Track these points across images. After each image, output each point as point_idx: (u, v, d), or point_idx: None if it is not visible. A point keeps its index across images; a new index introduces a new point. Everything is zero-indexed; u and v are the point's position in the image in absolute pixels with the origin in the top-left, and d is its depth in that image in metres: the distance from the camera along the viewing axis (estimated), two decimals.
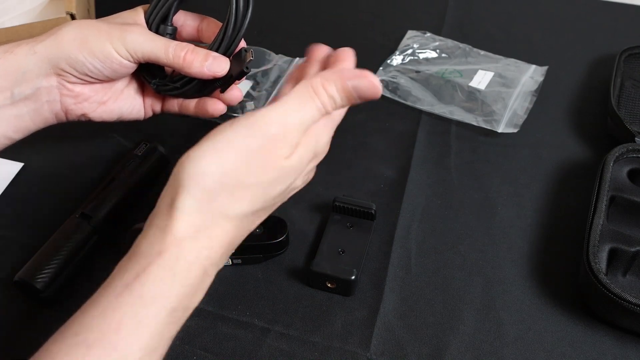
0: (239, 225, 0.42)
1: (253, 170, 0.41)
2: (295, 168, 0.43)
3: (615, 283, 0.53)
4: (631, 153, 0.63)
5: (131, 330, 0.36)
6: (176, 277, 0.38)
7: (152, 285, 0.37)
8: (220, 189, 0.39)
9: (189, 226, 0.39)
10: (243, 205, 0.41)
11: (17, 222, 0.63)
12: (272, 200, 0.43)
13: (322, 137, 0.45)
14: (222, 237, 0.40)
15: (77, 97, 0.55)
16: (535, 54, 0.81)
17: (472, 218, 0.63)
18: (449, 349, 0.53)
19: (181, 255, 0.38)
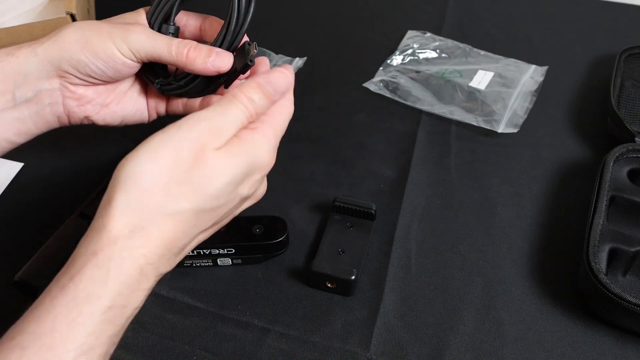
0: (180, 225, 0.40)
1: (186, 166, 0.40)
2: (229, 166, 0.42)
3: (615, 283, 0.53)
4: (631, 153, 0.63)
5: (65, 330, 0.36)
6: (110, 275, 0.37)
7: (86, 284, 0.37)
8: (155, 187, 0.40)
9: (124, 225, 0.39)
10: (181, 202, 0.40)
11: (17, 222, 0.63)
12: (216, 201, 0.42)
13: (261, 146, 0.44)
14: (159, 237, 0.39)
15: (79, 100, 0.54)
16: (535, 54, 0.81)
17: (472, 218, 0.63)
18: (449, 349, 0.53)
19: (115, 254, 0.38)
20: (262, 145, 0.44)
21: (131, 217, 0.39)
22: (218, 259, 0.58)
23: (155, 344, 0.53)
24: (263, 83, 0.45)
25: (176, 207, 0.40)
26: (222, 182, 0.42)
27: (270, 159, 0.45)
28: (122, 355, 0.52)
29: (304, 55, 0.80)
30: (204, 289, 0.57)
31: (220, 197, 0.42)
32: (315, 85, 0.78)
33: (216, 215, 0.43)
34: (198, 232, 0.43)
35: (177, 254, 0.42)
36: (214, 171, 0.41)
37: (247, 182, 0.44)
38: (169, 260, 0.42)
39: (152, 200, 0.39)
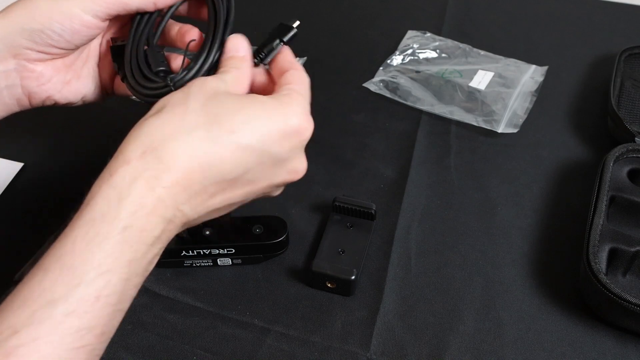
0: (195, 154, 0.39)
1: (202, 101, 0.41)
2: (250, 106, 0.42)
3: (615, 283, 0.53)
4: (631, 153, 0.63)
5: (83, 250, 0.36)
6: (123, 194, 0.38)
7: (101, 205, 0.37)
8: (172, 117, 0.40)
9: (137, 147, 0.39)
10: (196, 129, 0.40)
11: (17, 222, 0.63)
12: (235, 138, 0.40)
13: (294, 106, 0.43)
14: (172, 161, 0.39)
15: (39, 79, 0.51)
16: (535, 54, 0.81)
17: (472, 218, 0.63)
18: (449, 349, 0.53)
19: (127, 174, 0.38)
20: (291, 104, 0.43)
21: (145, 140, 0.39)
22: (218, 259, 0.58)
23: (155, 344, 0.53)
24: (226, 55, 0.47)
25: (190, 134, 0.40)
26: (238, 116, 0.41)
27: (305, 122, 0.43)
28: (122, 355, 0.52)
29: (304, 55, 0.80)
30: (204, 289, 0.57)
31: (237, 132, 0.40)
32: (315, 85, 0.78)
33: (240, 161, 0.41)
34: (222, 178, 0.41)
35: (202, 199, 0.41)
36: (229, 105, 0.41)
37: (280, 141, 0.42)
38: (192, 203, 0.40)
39: (168, 127, 0.40)
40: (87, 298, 0.36)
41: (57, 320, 0.35)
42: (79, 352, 0.36)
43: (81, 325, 0.35)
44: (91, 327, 0.36)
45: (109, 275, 0.36)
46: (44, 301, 0.35)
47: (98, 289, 0.36)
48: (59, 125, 0.73)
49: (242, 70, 0.46)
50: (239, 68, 0.46)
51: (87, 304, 0.36)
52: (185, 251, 0.57)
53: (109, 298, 0.36)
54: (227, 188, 0.42)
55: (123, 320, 0.54)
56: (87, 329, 0.36)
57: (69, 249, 0.36)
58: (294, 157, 0.44)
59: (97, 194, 0.38)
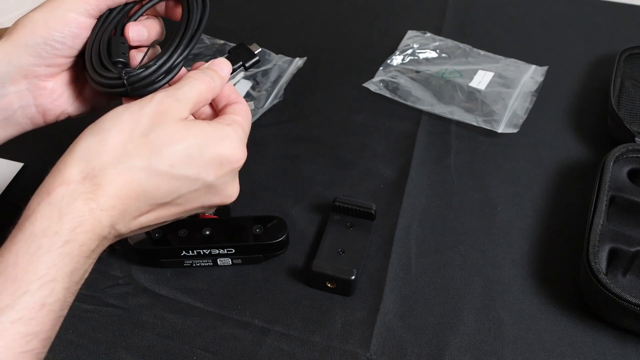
0: (133, 183, 0.42)
1: (144, 128, 0.43)
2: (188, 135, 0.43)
3: (615, 283, 0.53)
4: (631, 153, 0.63)
5: (26, 262, 0.38)
6: (62, 212, 0.39)
7: (42, 221, 0.39)
8: (113, 144, 0.42)
9: (78, 171, 0.41)
10: (134, 159, 0.42)
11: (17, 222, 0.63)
12: (171, 168, 0.43)
13: (228, 134, 0.45)
14: (111, 189, 0.41)
15: (52, 95, 0.52)
16: (535, 54, 0.81)
17: (472, 218, 0.63)
18: (449, 349, 0.53)
19: (67, 194, 0.40)
20: (229, 134, 0.45)
21: (85, 166, 0.41)
22: (218, 259, 0.58)
23: (155, 344, 0.53)
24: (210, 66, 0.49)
25: (129, 163, 0.42)
26: (178, 147, 0.43)
27: (239, 152, 0.46)
28: (122, 355, 0.52)
29: (304, 55, 0.80)
30: (204, 289, 0.57)
31: (175, 165, 0.43)
32: (315, 85, 0.78)
33: (175, 189, 0.43)
34: (155, 202, 0.43)
35: (135, 218, 0.43)
36: (171, 135, 0.43)
37: (214, 169, 0.44)
38: (126, 222, 0.43)
39: (108, 154, 0.42)
40: (32, 306, 0.37)
41: (4, 327, 0.36)
42: (25, 356, 0.37)
43: (27, 331, 0.37)
44: (37, 333, 0.38)
45: (53, 284, 0.38)
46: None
47: (42, 297, 0.38)
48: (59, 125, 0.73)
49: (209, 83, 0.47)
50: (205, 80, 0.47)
51: (32, 311, 0.37)
52: (185, 251, 0.57)
53: (52, 305, 0.38)
54: (158, 209, 0.44)
55: (123, 321, 0.54)
56: (33, 334, 0.37)
57: (11, 262, 0.38)
58: (226, 183, 0.47)
59: (37, 210, 0.40)
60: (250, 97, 0.74)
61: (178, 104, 0.44)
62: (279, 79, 0.76)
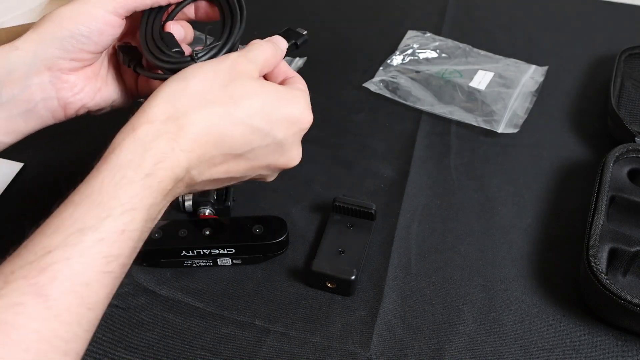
0: (212, 128, 0.44)
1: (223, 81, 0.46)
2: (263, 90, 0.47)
3: (615, 283, 0.53)
4: (631, 153, 0.63)
5: (111, 189, 0.40)
6: (146, 148, 0.42)
7: (126, 154, 0.41)
8: (196, 90, 0.45)
9: (162, 111, 0.43)
10: (215, 105, 0.45)
11: (17, 222, 0.63)
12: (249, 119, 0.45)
13: (297, 96, 0.48)
14: (191, 131, 0.43)
15: (73, 89, 0.53)
16: (535, 54, 0.81)
17: (472, 218, 0.63)
18: (449, 349, 0.53)
19: (151, 132, 0.42)
20: (299, 97, 0.49)
21: (169, 107, 0.44)
22: (218, 259, 0.58)
23: (155, 344, 0.53)
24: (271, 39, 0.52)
25: (210, 109, 0.44)
26: (254, 101, 0.46)
27: (308, 114, 0.49)
28: (122, 355, 0.52)
29: (304, 55, 0.80)
30: (204, 289, 0.57)
31: (251, 116, 0.45)
32: (315, 85, 0.78)
33: (249, 140, 0.46)
34: (229, 152, 0.45)
35: (208, 168, 0.45)
36: (248, 89, 0.46)
37: (285, 127, 0.47)
38: (201, 169, 0.45)
39: (191, 99, 0.44)
40: (114, 229, 0.39)
41: (87, 245, 0.38)
42: (105, 276, 0.39)
43: (109, 253, 0.39)
44: (117, 256, 0.40)
45: (134, 213, 0.40)
46: (75, 228, 0.39)
47: (124, 223, 0.40)
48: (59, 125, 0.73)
49: (275, 49, 0.51)
50: (273, 45, 0.51)
51: (114, 234, 0.39)
52: (185, 251, 0.57)
53: (132, 233, 0.40)
54: (230, 161, 0.46)
55: (123, 321, 0.54)
56: (114, 256, 0.39)
57: (96, 189, 0.40)
58: (293, 144, 0.49)
59: (122, 144, 0.42)
60: None
61: (250, 64, 0.47)
62: None
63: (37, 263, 0.37)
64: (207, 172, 0.46)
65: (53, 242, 0.38)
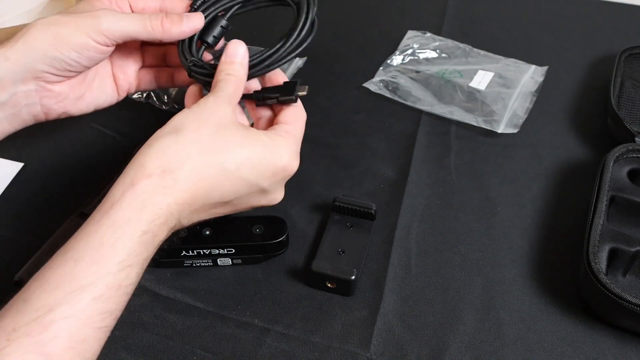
0: (204, 179, 0.46)
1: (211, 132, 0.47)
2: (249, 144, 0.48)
3: (615, 283, 0.53)
4: (631, 153, 0.63)
5: (110, 246, 0.42)
6: (145, 204, 0.43)
7: (125, 211, 0.43)
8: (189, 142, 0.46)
9: (157, 166, 0.45)
10: (208, 156, 0.46)
11: (17, 222, 0.63)
12: (237, 170, 0.47)
13: (283, 146, 0.50)
14: (185, 184, 0.45)
15: (57, 97, 0.55)
16: (535, 54, 0.81)
17: (472, 218, 0.63)
18: (449, 349, 0.53)
19: (149, 188, 0.44)
20: (284, 146, 0.50)
21: (164, 161, 0.45)
22: (218, 259, 0.58)
23: (155, 344, 0.53)
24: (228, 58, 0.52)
25: (203, 160, 0.46)
26: (243, 152, 0.48)
27: (294, 163, 0.51)
28: (122, 355, 0.52)
29: (304, 55, 0.80)
30: (204, 289, 0.57)
31: (241, 167, 0.47)
32: (315, 85, 0.78)
33: (237, 190, 0.48)
34: (217, 201, 0.48)
35: (196, 213, 0.48)
36: (235, 139, 0.48)
37: (270, 177, 0.49)
38: (190, 214, 0.47)
39: (183, 152, 0.46)
40: (111, 286, 0.41)
41: (86, 303, 0.40)
42: (99, 331, 0.41)
43: (105, 309, 0.41)
44: (112, 311, 0.42)
45: (130, 269, 0.42)
46: (76, 286, 0.40)
47: (121, 279, 0.42)
48: (59, 125, 0.73)
49: (239, 75, 0.52)
50: (237, 75, 0.51)
51: (111, 290, 0.41)
52: (185, 251, 0.57)
53: (127, 288, 0.43)
54: (218, 206, 0.49)
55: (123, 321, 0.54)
56: (109, 312, 0.41)
57: (97, 244, 0.42)
58: (276, 189, 0.52)
59: (122, 200, 0.43)
60: None
61: (227, 106, 0.49)
62: None
63: (39, 321, 0.39)
64: (195, 217, 0.48)
65: (54, 300, 0.40)
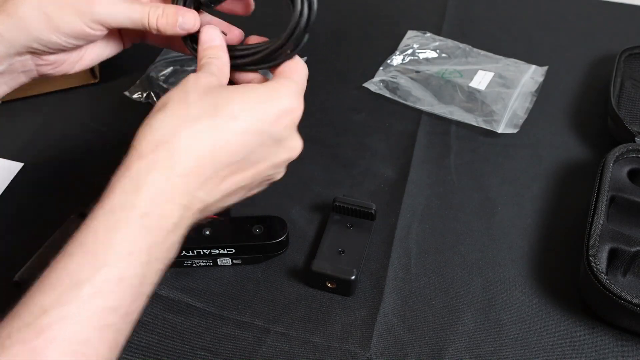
0: (203, 141, 0.43)
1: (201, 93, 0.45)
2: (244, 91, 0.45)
3: (615, 283, 0.53)
4: (631, 153, 0.63)
5: (105, 236, 0.39)
6: (139, 185, 0.40)
7: (119, 196, 0.40)
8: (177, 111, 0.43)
9: (150, 142, 0.42)
10: (201, 118, 0.43)
11: (17, 222, 0.63)
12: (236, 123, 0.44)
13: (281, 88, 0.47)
14: (184, 149, 0.42)
15: (54, 64, 0.54)
16: (535, 54, 0.81)
17: (472, 218, 0.63)
18: (449, 349, 0.53)
19: (142, 167, 0.41)
20: (283, 90, 0.46)
21: (156, 135, 0.42)
22: (218, 259, 0.58)
23: (155, 344, 0.53)
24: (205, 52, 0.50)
25: (196, 123, 0.43)
26: (236, 104, 0.44)
27: (296, 103, 0.47)
28: (122, 355, 0.52)
29: (304, 55, 0.80)
30: (204, 289, 0.57)
31: (237, 117, 0.43)
32: (315, 85, 0.78)
33: (243, 142, 0.44)
34: (229, 161, 0.44)
35: (216, 185, 0.43)
36: (226, 95, 0.44)
37: (277, 122, 0.45)
38: (208, 189, 0.43)
39: (174, 121, 0.43)
40: (110, 279, 0.38)
41: (83, 300, 0.37)
42: (104, 330, 0.37)
43: (106, 305, 0.37)
44: (115, 307, 0.38)
45: (130, 258, 0.39)
46: (70, 283, 0.37)
47: (121, 271, 0.38)
48: (59, 125, 0.73)
49: (222, 59, 0.49)
50: (218, 57, 0.49)
51: (111, 284, 0.38)
52: (185, 251, 0.57)
53: (131, 280, 0.39)
54: (236, 170, 0.44)
55: None
56: (112, 308, 0.38)
57: (90, 237, 0.39)
58: (289, 135, 0.47)
59: (115, 186, 0.40)
60: None
61: (212, 77, 0.47)
62: None
63: (33, 325, 0.36)
64: (217, 190, 0.44)
65: (48, 300, 0.37)
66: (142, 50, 0.80)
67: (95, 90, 0.76)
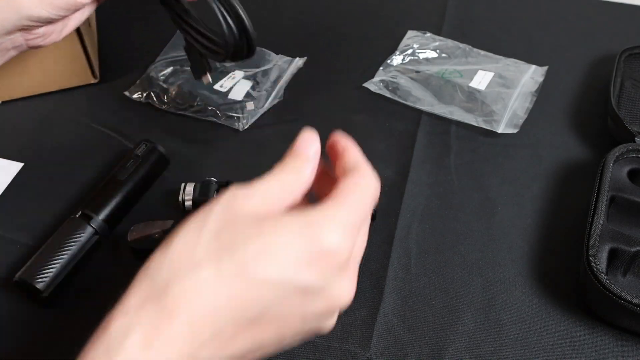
0: (202, 295, 0.33)
1: (214, 228, 0.35)
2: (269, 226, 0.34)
3: (615, 283, 0.53)
4: (631, 153, 0.63)
5: None
6: (111, 352, 0.32)
7: None
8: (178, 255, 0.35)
9: (136, 295, 0.34)
10: (202, 264, 0.34)
11: (17, 222, 0.63)
12: (246, 269, 0.33)
13: (323, 219, 0.35)
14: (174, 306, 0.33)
15: (43, 35, 0.57)
16: (535, 54, 0.81)
17: (472, 218, 0.63)
18: (449, 349, 0.53)
19: (122, 327, 0.33)
20: (327, 219, 0.35)
21: (148, 284, 0.34)
22: None
23: None
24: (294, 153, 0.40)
25: (196, 270, 0.33)
26: (252, 245, 0.33)
27: (343, 239, 0.34)
28: None
29: (304, 55, 0.80)
30: None
31: (249, 263, 0.33)
32: (315, 85, 0.78)
33: (256, 296, 0.33)
34: (239, 317, 0.34)
35: (215, 339, 0.33)
36: (244, 231, 0.34)
37: (307, 269, 0.34)
38: (203, 345, 0.33)
39: (174, 264, 0.34)
40: None
41: None
42: None
43: None
44: None
45: None
46: None
47: None
48: (59, 125, 0.73)
49: (302, 178, 0.38)
50: (298, 172, 0.38)
51: None
52: None
53: None
54: (249, 327, 0.34)
55: None
56: None
57: None
58: (329, 283, 0.35)
59: (91, 347, 0.32)
60: (250, 97, 0.73)
61: (253, 199, 0.36)
62: (279, 79, 0.76)
63: None
64: (225, 350, 0.34)
65: None
66: (142, 50, 0.81)
67: (95, 90, 0.76)
